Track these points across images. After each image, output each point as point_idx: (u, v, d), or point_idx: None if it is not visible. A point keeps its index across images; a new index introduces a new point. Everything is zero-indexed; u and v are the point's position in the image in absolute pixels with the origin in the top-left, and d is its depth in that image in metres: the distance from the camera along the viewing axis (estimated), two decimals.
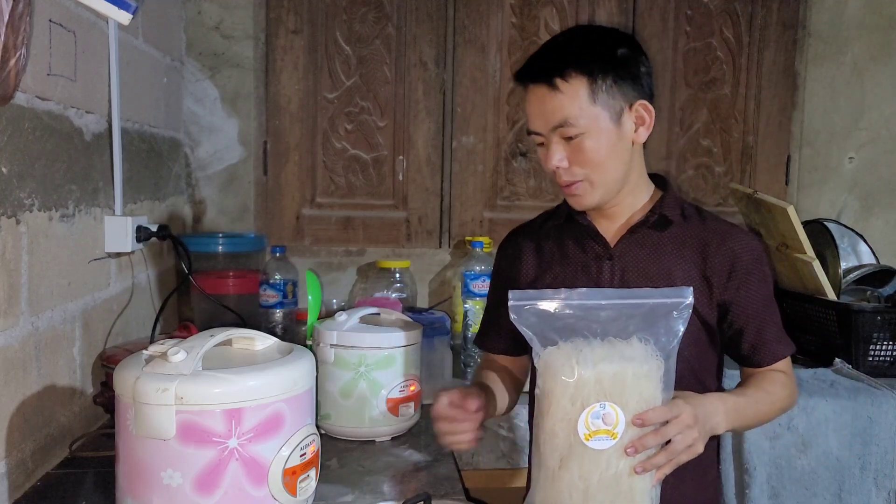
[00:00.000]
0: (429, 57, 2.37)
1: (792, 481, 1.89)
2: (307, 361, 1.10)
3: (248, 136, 2.34)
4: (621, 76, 1.20)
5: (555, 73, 1.18)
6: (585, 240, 1.31)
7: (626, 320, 1.03)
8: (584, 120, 1.18)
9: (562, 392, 1.00)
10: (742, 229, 1.32)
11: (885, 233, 2.58)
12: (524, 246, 1.39)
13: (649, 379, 1.01)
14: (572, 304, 1.04)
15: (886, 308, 1.98)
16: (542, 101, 1.20)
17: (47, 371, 1.32)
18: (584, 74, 1.18)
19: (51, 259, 1.32)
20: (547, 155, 1.22)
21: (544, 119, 1.21)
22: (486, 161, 2.43)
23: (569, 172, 1.22)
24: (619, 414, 0.99)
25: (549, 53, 1.23)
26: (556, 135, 1.20)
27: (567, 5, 2.41)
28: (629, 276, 1.25)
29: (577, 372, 1.00)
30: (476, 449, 1.75)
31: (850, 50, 2.56)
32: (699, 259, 1.25)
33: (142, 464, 0.99)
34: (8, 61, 1.07)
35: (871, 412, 1.82)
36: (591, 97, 1.18)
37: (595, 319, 1.03)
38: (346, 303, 2.37)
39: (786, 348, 1.30)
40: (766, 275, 1.29)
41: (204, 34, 2.29)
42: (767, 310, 1.28)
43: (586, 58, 1.19)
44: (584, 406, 0.99)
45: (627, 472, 1.01)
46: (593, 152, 1.20)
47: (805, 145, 2.58)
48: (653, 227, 1.27)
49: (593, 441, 0.99)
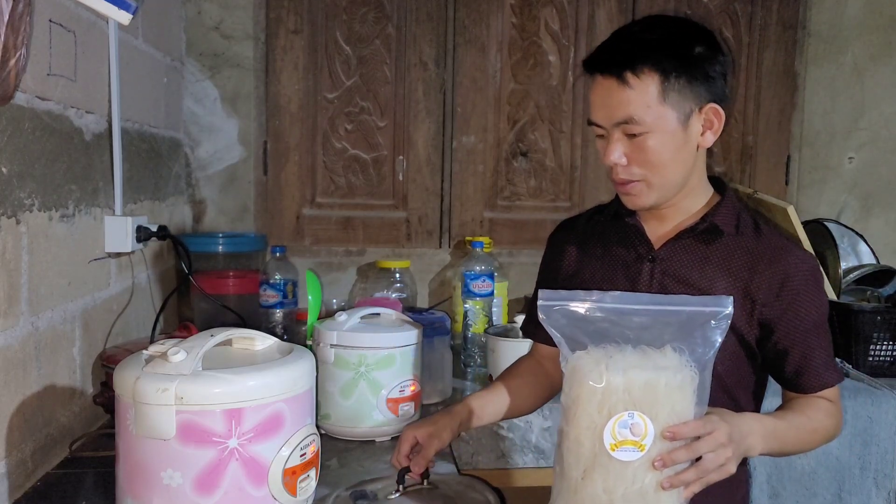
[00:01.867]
0: (429, 57, 2.37)
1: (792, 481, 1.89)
2: (307, 361, 1.10)
3: (248, 136, 2.34)
4: (695, 76, 1.13)
5: (626, 67, 1.12)
6: (630, 238, 1.26)
7: (660, 328, 0.98)
8: (650, 119, 1.12)
9: (588, 398, 0.95)
10: (800, 247, 1.25)
11: (885, 233, 2.58)
12: (569, 239, 1.36)
13: (682, 390, 0.96)
14: (605, 307, 1.00)
15: (886, 308, 1.98)
16: (609, 94, 1.14)
17: (47, 371, 1.32)
18: (657, 72, 1.12)
19: (51, 259, 1.32)
20: (607, 149, 1.16)
21: (608, 112, 1.15)
22: (487, 161, 2.43)
23: (627, 171, 1.16)
24: (648, 425, 0.94)
25: (622, 44, 1.16)
26: (618, 130, 1.15)
27: (567, 5, 2.41)
28: (668, 282, 1.20)
29: (606, 378, 0.94)
30: (476, 448, 1.75)
31: (850, 50, 2.56)
32: (746, 274, 1.18)
33: (142, 464, 0.98)
34: (8, 61, 1.07)
35: (871, 412, 1.82)
36: (660, 96, 1.12)
37: (628, 325, 0.98)
38: (346, 303, 2.37)
39: (833, 377, 1.21)
40: (820, 298, 1.21)
41: (204, 34, 2.29)
42: (817, 334, 1.20)
43: (661, 54, 1.12)
44: (611, 414, 0.94)
45: (654, 487, 0.95)
46: (655, 153, 1.14)
47: (805, 145, 2.58)
48: (701, 235, 1.21)
49: (619, 452, 0.94)
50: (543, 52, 2.42)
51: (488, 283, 2.23)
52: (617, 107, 1.13)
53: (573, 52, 2.43)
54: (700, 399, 0.97)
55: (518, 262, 2.47)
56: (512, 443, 1.75)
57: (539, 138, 2.45)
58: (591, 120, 1.19)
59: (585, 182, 2.48)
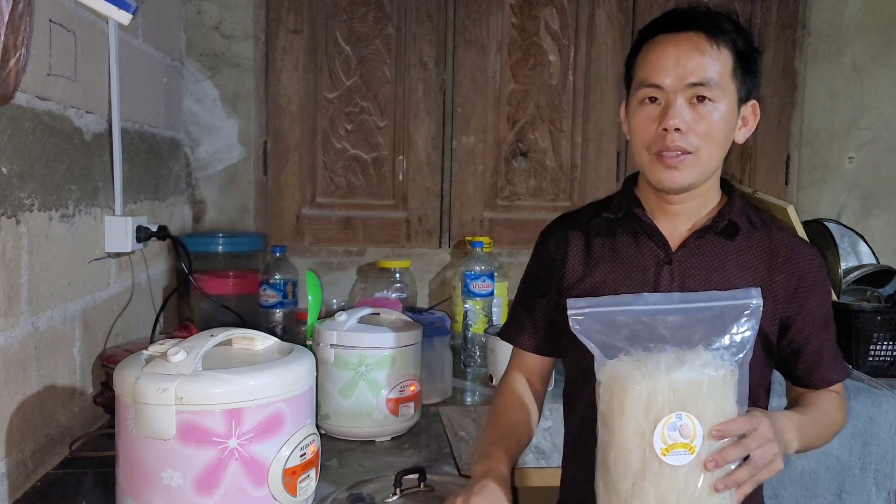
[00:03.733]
0: (429, 57, 2.37)
1: (792, 481, 1.89)
2: (307, 361, 1.10)
3: (248, 136, 2.34)
4: (750, 68, 1.15)
5: (715, 29, 1.11)
6: (643, 239, 1.21)
7: (693, 325, 0.96)
8: (719, 90, 1.11)
9: (633, 403, 0.92)
10: (807, 242, 1.25)
11: (885, 233, 2.58)
12: (572, 238, 1.27)
13: (725, 387, 0.94)
14: (637, 309, 0.97)
15: (886, 308, 1.98)
16: (690, 51, 1.10)
17: (47, 371, 1.32)
18: (733, 47, 1.12)
19: (51, 259, 1.32)
20: (668, 112, 1.11)
21: (682, 71, 1.10)
22: (486, 161, 2.43)
23: (684, 138, 1.11)
24: (696, 425, 0.91)
25: (706, 11, 1.15)
26: (687, 93, 1.11)
27: (567, 5, 2.41)
28: (689, 283, 1.17)
29: (650, 381, 0.92)
30: (476, 449, 1.75)
31: (850, 49, 2.56)
32: (764, 271, 1.17)
33: (142, 464, 0.99)
34: (8, 61, 1.07)
35: (871, 412, 1.82)
36: (733, 71, 1.12)
37: (663, 325, 0.96)
38: (346, 303, 2.37)
39: (842, 373, 1.23)
40: (828, 292, 1.22)
41: (204, 34, 2.29)
42: (827, 330, 1.21)
43: (735, 34, 1.13)
44: (658, 417, 0.91)
45: (707, 491, 0.91)
46: (716, 126, 1.11)
47: (805, 145, 2.58)
48: (721, 234, 1.19)
49: (670, 456, 0.90)
50: (543, 52, 2.42)
51: (488, 282, 2.23)
52: (697, 66, 1.10)
53: (573, 52, 2.44)
54: (741, 397, 0.95)
55: (518, 262, 2.47)
56: None
57: (539, 138, 2.45)
58: (650, 81, 1.13)
59: (585, 182, 2.48)
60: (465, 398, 1.84)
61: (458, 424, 1.74)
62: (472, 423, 1.75)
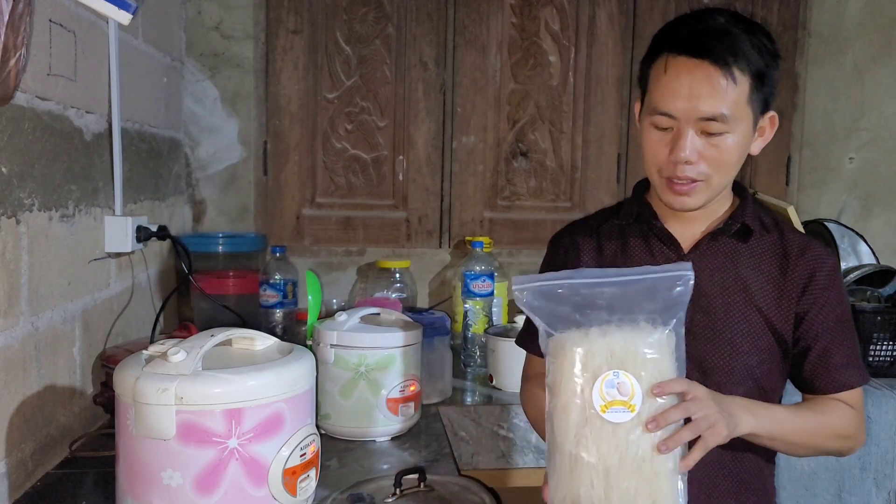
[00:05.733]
0: (429, 57, 2.37)
1: (792, 481, 1.89)
2: (307, 361, 1.10)
3: (248, 137, 2.34)
4: (769, 84, 1.11)
5: (732, 59, 1.05)
6: (654, 243, 1.21)
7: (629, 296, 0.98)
8: (734, 120, 1.08)
9: (571, 364, 0.95)
10: (819, 243, 1.22)
11: (885, 233, 2.58)
12: (583, 244, 1.26)
13: (661, 348, 0.96)
14: (576, 283, 0.99)
15: (886, 308, 1.98)
16: (702, 84, 1.05)
17: (47, 371, 1.32)
18: (751, 71, 1.07)
19: (51, 259, 1.32)
20: (678, 144, 1.08)
21: (695, 104, 1.06)
22: (486, 161, 2.43)
23: (694, 169, 1.09)
24: (634, 384, 0.93)
25: (725, 34, 1.07)
26: (698, 126, 1.08)
27: (567, 5, 2.41)
28: (703, 285, 1.14)
29: (587, 342, 0.95)
30: (476, 448, 1.75)
31: (851, 51, 2.56)
32: (777, 272, 1.17)
33: (142, 464, 0.99)
34: (8, 61, 1.07)
35: (871, 412, 1.82)
36: (749, 97, 1.08)
37: (601, 297, 0.98)
38: (346, 303, 2.37)
39: (854, 377, 1.17)
40: (842, 294, 1.19)
41: (204, 34, 2.29)
42: (839, 332, 1.17)
43: (756, 54, 1.07)
44: (596, 375, 0.93)
45: (650, 452, 0.93)
46: (729, 154, 1.09)
47: (805, 146, 2.58)
48: (734, 237, 1.18)
49: (610, 413, 0.92)
50: (543, 53, 2.42)
51: (488, 283, 2.23)
52: (709, 99, 1.06)
53: (573, 53, 2.44)
54: (679, 363, 0.97)
55: (518, 262, 2.48)
56: (512, 443, 1.75)
57: (539, 138, 2.45)
58: (660, 110, 1.09)
59: (586, 182, 2.48)
60: (465, 398, 1.84)
61: (458, 424, 1.75)
62: (472, 423, 1.76)
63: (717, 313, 1.16)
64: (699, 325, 1.16)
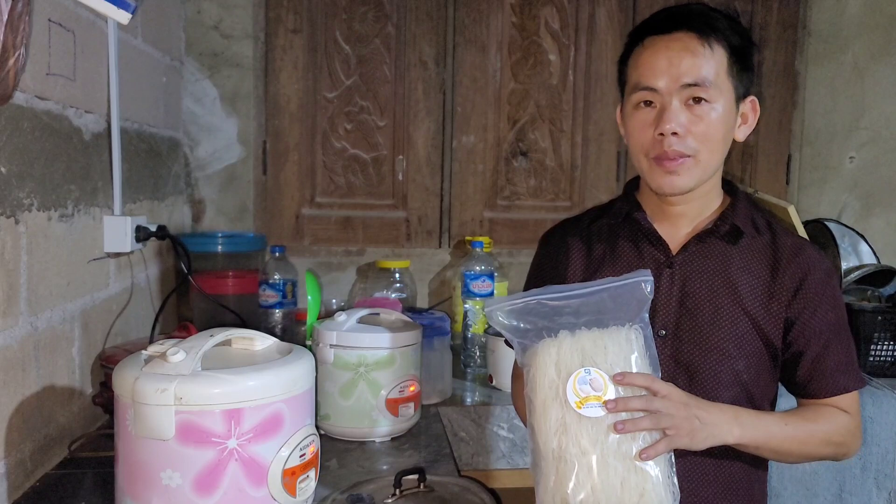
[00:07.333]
0: (429, 56, 2.37)
1: (792, 481, 1.89)
2: (307, 362, 1.10)
3: (248, 136, 2.34)
4: (747, 63, 1.13)
5: (707, 28, 1.10)
6: (643, 243, 1.20)
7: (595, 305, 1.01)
8: (715, 90, 1.09)
9: (546, 366, 0.98)
10: (814, 246, 1.21)
11: (885, 232, 2.58)
12: (572, 244, 1.27)
13: (629, 344, 0.99)
14: (544, 298, 1.02)
15: (887, 308, 1.98)
16: (681, 54, 1.09)
17: (46, 371, 1.32)
18: (728, 45, 1.11)
19: (50, 259, 1.32)
20: (664, 116, 1.10)
21: (676, 72, 1.09)
22: (486, 161, 2.43)
23: (682, 142, 1.10)
24: (605, 380, 0.97)
25: (697, 10, 1.12)
26: (682, 95, 1.10)
27: (567, 4, 2.41)
28: (691, 287, 1.15)
29: (558, 343, 0.99)
30: (476, 449, 1.75)
31: (851, 49, 2.56)
32: (767, 275, 1.15)
33: (141, 464, 0.98)
34: (7, 61, 1.06)
35: (871, 412, 1.82)
36: (729, 69, 1.11)
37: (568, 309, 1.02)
38: (346, 303, 2.37)
39: (850, 381, 1.16)
40: (837, 298, 1.17)
41: (203, 34, 2.29)
42: (834, 335, 1.16)
43: (730, 30, 1.11)
44: (569, 373, 0.97)
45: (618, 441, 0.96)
46: (714, 127, 1.10)
47: (806, 145, 2.58)
48: (723, 238, 1.17)
49: (586, 409, 0.96)
50: (543, 52, 2.42)
51: (488, 283, 2.23)
52: (690, 67, 1.09)
53: (573, 52, 2.43)
54: (652, 361, 1.01)
55: (518, 261, 2.47)
56: (512, 443, 1.75)
57: (539, 138, 2.45)
58: (644, 84, 1.12)
59: (585, 181, 2.48)
60: (464, 398, 1.84)
61: (458, 425, 1.74)
62: (472, 424, 1.75)
63: (705, 316, 1.15)
64: (686, 329, 1.15)
